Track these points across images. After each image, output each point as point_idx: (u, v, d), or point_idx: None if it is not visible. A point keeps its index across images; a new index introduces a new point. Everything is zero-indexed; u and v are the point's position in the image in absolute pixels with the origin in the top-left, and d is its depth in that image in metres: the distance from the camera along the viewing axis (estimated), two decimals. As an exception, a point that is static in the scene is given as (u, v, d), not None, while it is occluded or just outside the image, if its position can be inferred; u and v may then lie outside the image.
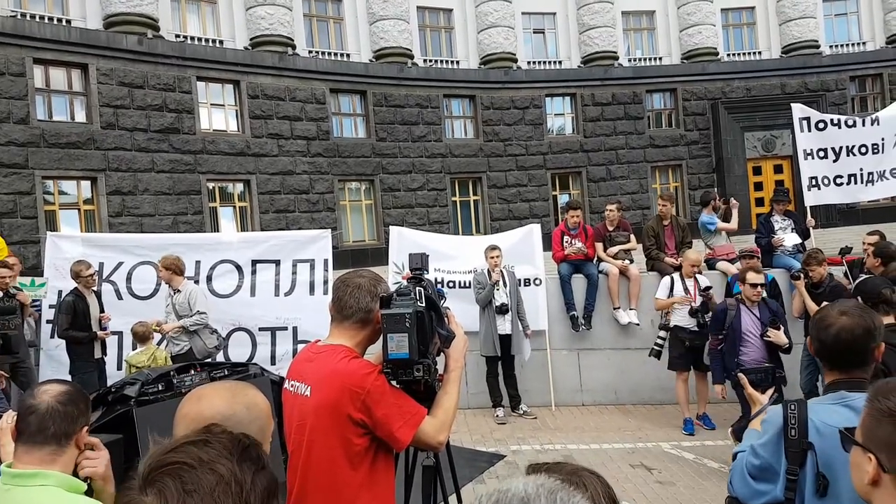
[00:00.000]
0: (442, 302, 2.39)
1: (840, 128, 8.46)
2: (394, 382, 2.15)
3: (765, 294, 6.87)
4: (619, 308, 8.08)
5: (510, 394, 7.82)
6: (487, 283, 7.51)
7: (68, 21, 16.84)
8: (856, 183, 8.48)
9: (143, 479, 0.89)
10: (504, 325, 7.51)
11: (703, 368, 7.02)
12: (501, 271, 7.57)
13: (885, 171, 8.51)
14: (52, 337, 6.98)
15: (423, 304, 2.14)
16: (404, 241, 8.36)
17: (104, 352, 6.88)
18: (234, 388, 1.42)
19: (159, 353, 6.26)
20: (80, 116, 16.63)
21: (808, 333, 2.14)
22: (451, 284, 8.17)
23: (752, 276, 5.99)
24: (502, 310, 7.47)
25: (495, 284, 7.49)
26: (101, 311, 6.87)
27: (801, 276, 6.97)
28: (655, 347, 7.08)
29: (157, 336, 6.75)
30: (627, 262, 8.17)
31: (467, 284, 8.10)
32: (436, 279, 8.06)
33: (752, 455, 2.06)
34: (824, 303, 2.36)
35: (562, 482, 0.75)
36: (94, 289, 6.88)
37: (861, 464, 1.38)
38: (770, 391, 2.35)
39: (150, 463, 0.91)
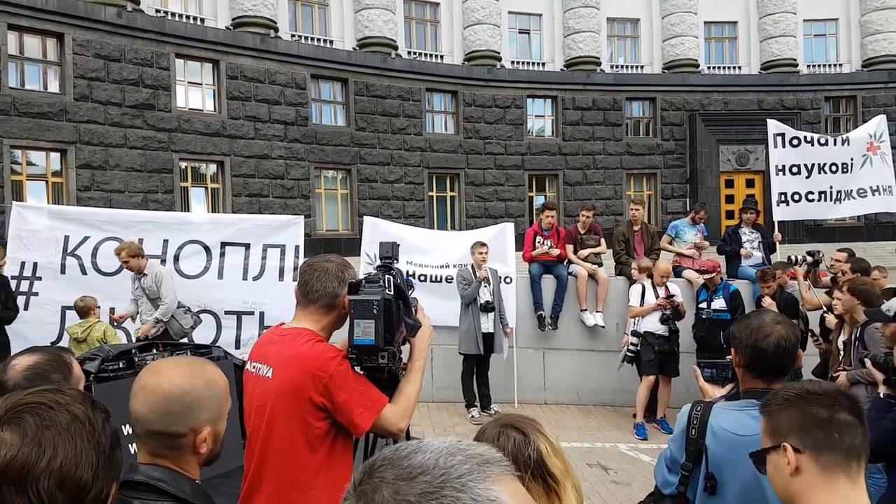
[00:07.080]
0: (410, 292, 2.40)
1: (813, 145, 8.64)
2: (357, 368, 2.16)
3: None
4: (585, 310, 8.16)
5: (481, 392, 7.70)
6: (473, 279, 7.36)
7: (45, -12, 16.40)
8: (825, 200, 8.66)
9: None
10: (487, 324, 7.40)
11: (670, 373, 7.15)
12: (487, 269, 7.49)
13: (852, 190, 8.72)
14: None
15: (392, 293, 2.15)
16: (378, 232, 8.30)
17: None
18: (193, 363, 1.42)
19: (98, 325, 6.15)
20: (54, 87, 16.22)
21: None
22: (422, 278, 8.14)
23: None
24: (486, 308, 7.36)
25: (482, 282, 7.40)
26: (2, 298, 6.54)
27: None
28: (629, 354, 7.17)
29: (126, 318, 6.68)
30: (596, 265, 8.26)
31: (438, 279, 8.11)
32: (407, 272, 8.05)
33: (668, 447, 2.22)
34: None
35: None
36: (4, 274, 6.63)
37: (778, 463, 1.40)
38: (729, 386, 2.40)
39: (6, 405, 0.97)
